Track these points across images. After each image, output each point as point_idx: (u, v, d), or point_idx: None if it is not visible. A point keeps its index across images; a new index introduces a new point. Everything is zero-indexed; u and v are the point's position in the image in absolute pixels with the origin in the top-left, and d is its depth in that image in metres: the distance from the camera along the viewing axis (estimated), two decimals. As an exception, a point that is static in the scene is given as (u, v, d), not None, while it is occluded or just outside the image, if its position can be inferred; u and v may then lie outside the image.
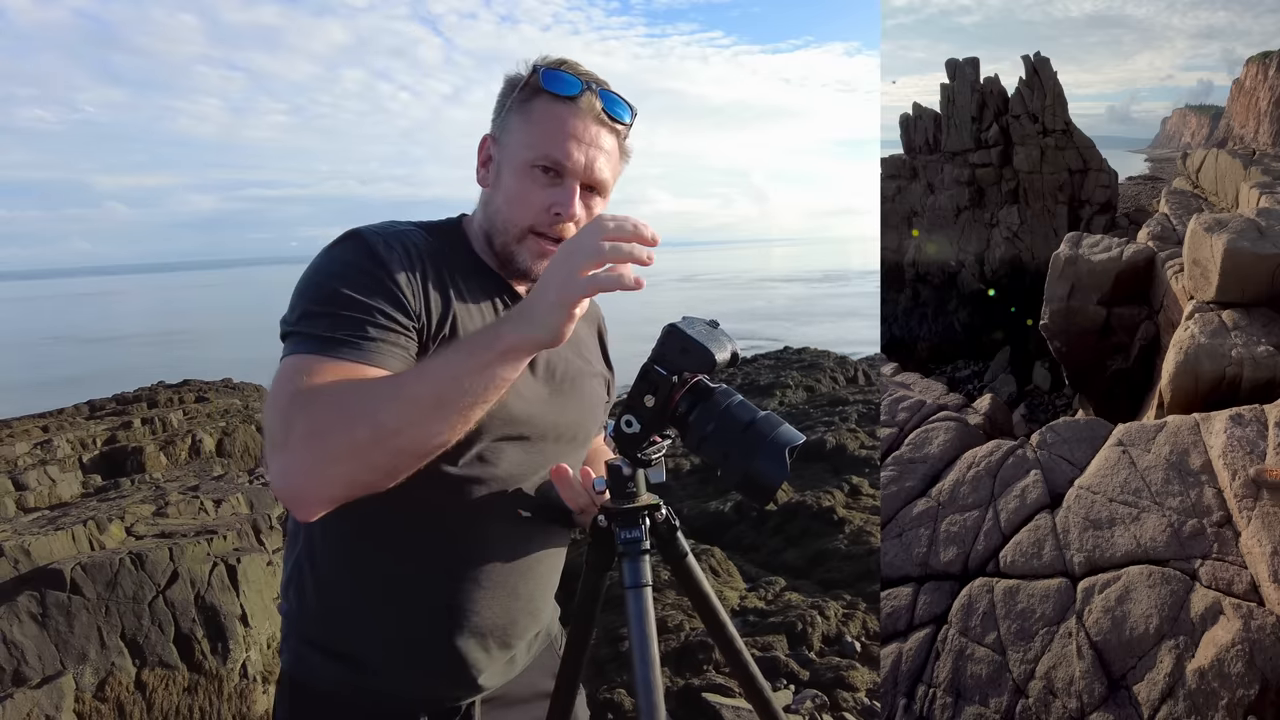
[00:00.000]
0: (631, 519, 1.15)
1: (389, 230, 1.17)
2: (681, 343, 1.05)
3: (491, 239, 1.24)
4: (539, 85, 1.19)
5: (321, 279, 1.10)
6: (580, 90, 1.19)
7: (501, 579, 1.25)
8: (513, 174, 1.20)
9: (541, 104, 1.19)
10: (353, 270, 1.09)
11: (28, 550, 5.37)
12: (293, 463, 0.96)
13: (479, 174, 1.27)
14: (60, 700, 4.73)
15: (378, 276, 1.09)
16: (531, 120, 1.19)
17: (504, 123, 1.23)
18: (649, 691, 1.07)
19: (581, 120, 1.19)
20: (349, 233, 1.15)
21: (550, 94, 1.19)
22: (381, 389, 0.99)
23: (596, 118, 1.20)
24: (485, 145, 1.26)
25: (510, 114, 1.22)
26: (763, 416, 1.02)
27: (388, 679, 1.22)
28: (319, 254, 1.14)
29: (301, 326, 1.06)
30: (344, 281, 1.08)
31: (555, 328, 0.99)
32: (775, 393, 15.83)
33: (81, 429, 12.56)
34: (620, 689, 5.00)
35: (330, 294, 1.07)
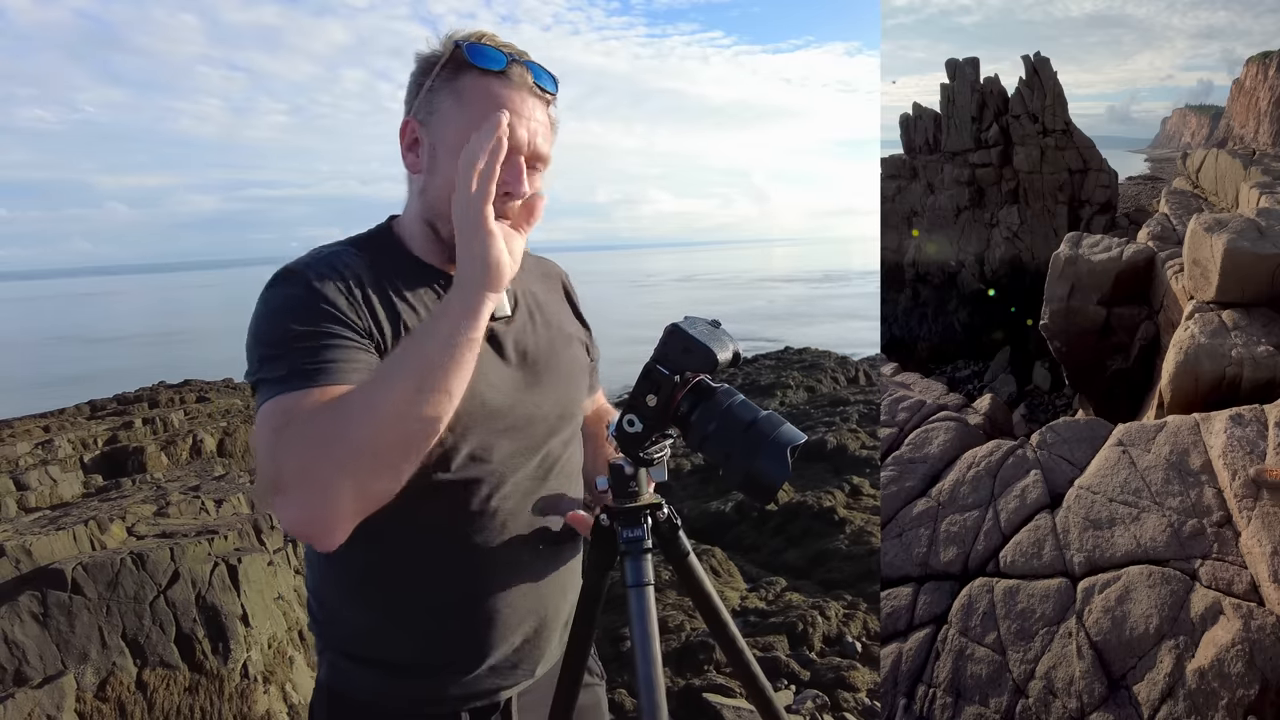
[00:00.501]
0: (634, 518, 1.15)
1: (318, 258, 1.15)
2: (684, 342, 1.05)
3: (437, 227, 1.20)
4: (464, 60, 1.15)
5: (267, 324, 1.09)
6: (507, 63, 1.16)
7: (525, 569, 1.25)
8: (452, 156, 1.14)
9: (470, 80, 1.15)
10: (294, 305, 1.09)
11: (29, 550, 5.38)
12: (295, 500, 0.95)
13: (407, 159, 1.21)
14: (61, 700, 4.74)
15: (318, 305, 1.09)
16: (464, 99, 1.15)
17: (430, 103, 1.18)
18: (651, 690, 1.07)
19: (516, 94, 1.16)
20: (280, 272, 1.14)
21: (478, 69, 1.15)
22: (356, 399, 0.98)
23: (530, 90, 1.17)
24: (409, 129, 1.20)
25: (436, 94, 1.17)
26: (764, 416, 1.02)
27: (425, 683, 1.21)
28: (258, 301, 1.13)
29: (264, 373, 1.06)
30: (289, 317, 1.08)
31: (485, 253, 1.00)
32: (776, 393, 15.84)
33: (83, 429, 12.57)
34: (621, 689, 5.01)
35: (280, 334, 1.07)
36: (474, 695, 1.24)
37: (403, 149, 1.21)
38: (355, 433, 0.95)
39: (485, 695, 1.25)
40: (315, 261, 1.15)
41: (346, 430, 0.95)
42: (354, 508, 0.97)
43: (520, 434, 1.23)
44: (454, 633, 1.21)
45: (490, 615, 1.22)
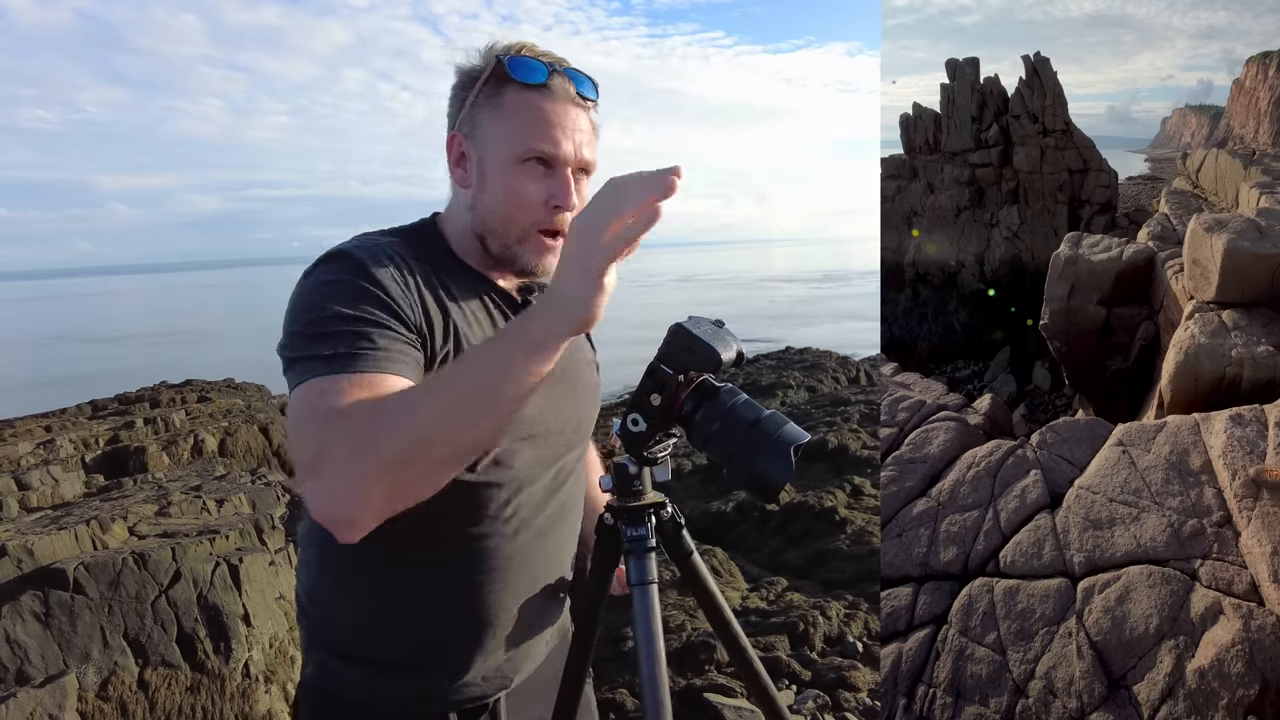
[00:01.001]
0: (637, 517, 1.16)
1: (369, 244, 1.14)
2: (687, 342, 1.06)
3: (486, 241, 1.21)
4: (505, 74, 1.16)
5: (315, 300, 1.07)
6: (548, 75, 1.16)
7: (523, 574, 1.25)
8: (500, 171, 1.17)
9: (513, 94, 1.16)
10: (345, 287, 1.07)
11: (31, 550, 5.38)
12: (332, 485, 0.93)
13: (455, 175, 1.23)
14: (63, 699, 4.75)
15: (370, 291, 1.07)
16: (507, 113, 1.16)
17: (474, 118, 1.19)
18: (655, 688, 1.08)
19: (559, 105, 1.17)
20: (331, 252, 1.12)
21: (519, 83, 1.16)
22: (413, 400, 0.95)
23: (571, 100, 1.18)
24: (456, 144, 1.21)
25: (480, 109, 1.18)
26: (768, 415, 1.03)
27: (415, 682, 1.21)
28: (303, 277, 1.11)
29: (306, 350, 1.03)
30: (338, 300, 1.05)
31: (588, 302, 0.92)
32: (777, 393, 15.85)
33: (84, 429, 12.57)
34: (622, 689, 5.02)
35: (328, 314, 1.04)
36: (464, 697, 1.24)
37: (450, 163, 1.23)
38: (397, 441, 0.92)
39: (475, 697, 1.25)
40: (368, 246, 1.13)
41: (390, 437, 0.92)
42: (384, 508, 0.95)
43: (542, 443, 1.25)
44: (449, 635, 1.21)
45: (488, 620, 1.22)
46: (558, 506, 1.29)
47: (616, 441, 1.13)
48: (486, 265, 1.24)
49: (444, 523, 1.17)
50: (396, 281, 1.10)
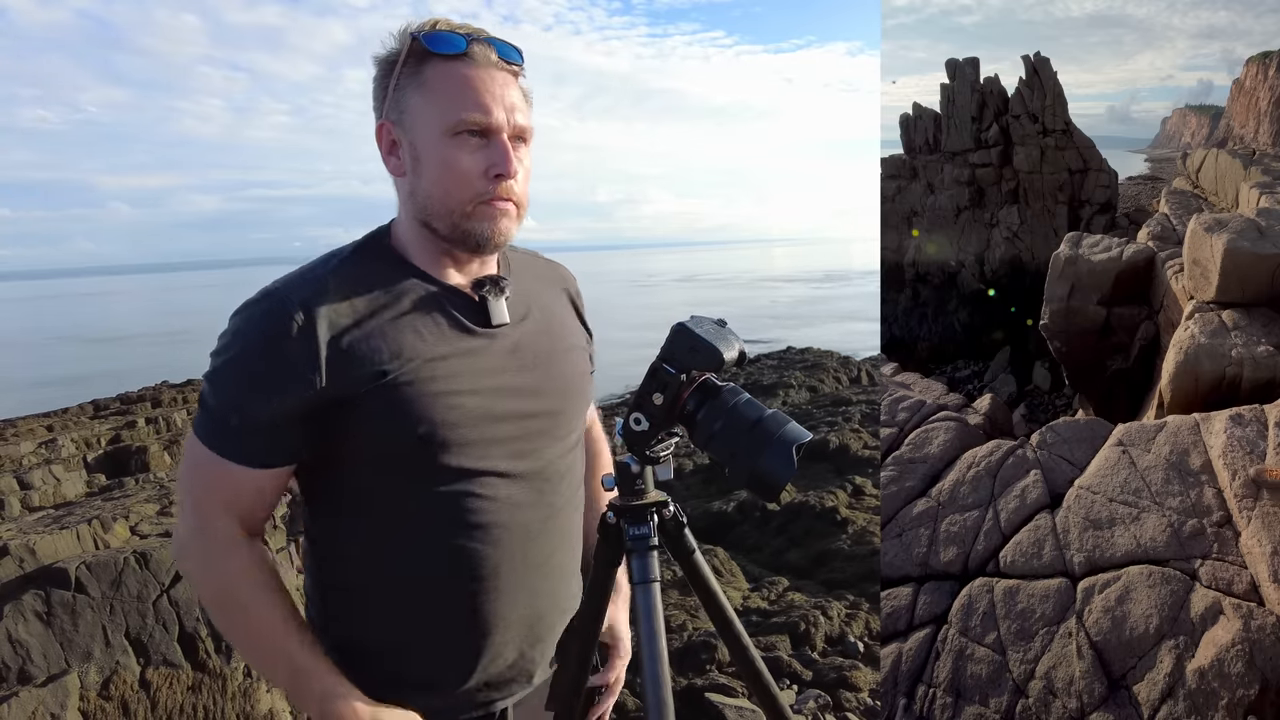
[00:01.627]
0: (640, 515, 1.16)
1: (302, 284, 1.13)
2: (690, 341, 1.07)
3: (433, 225, 1.18)
4: (424, 51, 1.13)
5: (224, 356, 1.12)
6: (468, 44, 1.13)
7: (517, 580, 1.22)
8: (433, 148, 1.14)
9: (434, 68, 1.13)
10: (249, 354, 1.11)
11: (33, 549, 5.39)
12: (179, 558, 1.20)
13: (389, 164, 1.19)
14: (65, 699, 4.75)
15: (273, 361, 1.09)
16: (430, 88, 1.13)
17: (399, 102, 1.15)
18: (657, 687, 1.08)
19: (484, 72, 1.14)
20: (259, 300, 1.13)
21: (440, 56, 1.13)
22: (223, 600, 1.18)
23: (495, 66, 1.15)
24: (385, 132, 1.18)
25: (403, 91, 1.15)
26: (770, 414, 1.04)
27: (419, 695, 1.20)
28: (234, 317, 1.13)
29: (201, 406, 1.16)
30: (238, 365, 1.12)
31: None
32: (779, 393, 15.85)
33: (86, 428, 12.58)
34: (624, 689, 5.03)
35: (225, 376, 1.13)
36: (470, 705, 1.23)
37: (383, 154, 1.19)
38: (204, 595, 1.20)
39: (481, 706, 1.24)
40: (293, 288, 1.13)
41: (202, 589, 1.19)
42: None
43: (518, 443, 1.21)
44: (449, 647, 1.20)
45: (485, 629, 1.20)
46: (546, 509, 1.25)
47: (619, 440, 1.14)
48: (439, 258, 1.21)
49: (426, 536, 1.17)
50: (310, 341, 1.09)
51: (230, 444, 1.12)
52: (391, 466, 1.15)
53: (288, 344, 1.09)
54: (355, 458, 1.16)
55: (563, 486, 1.29)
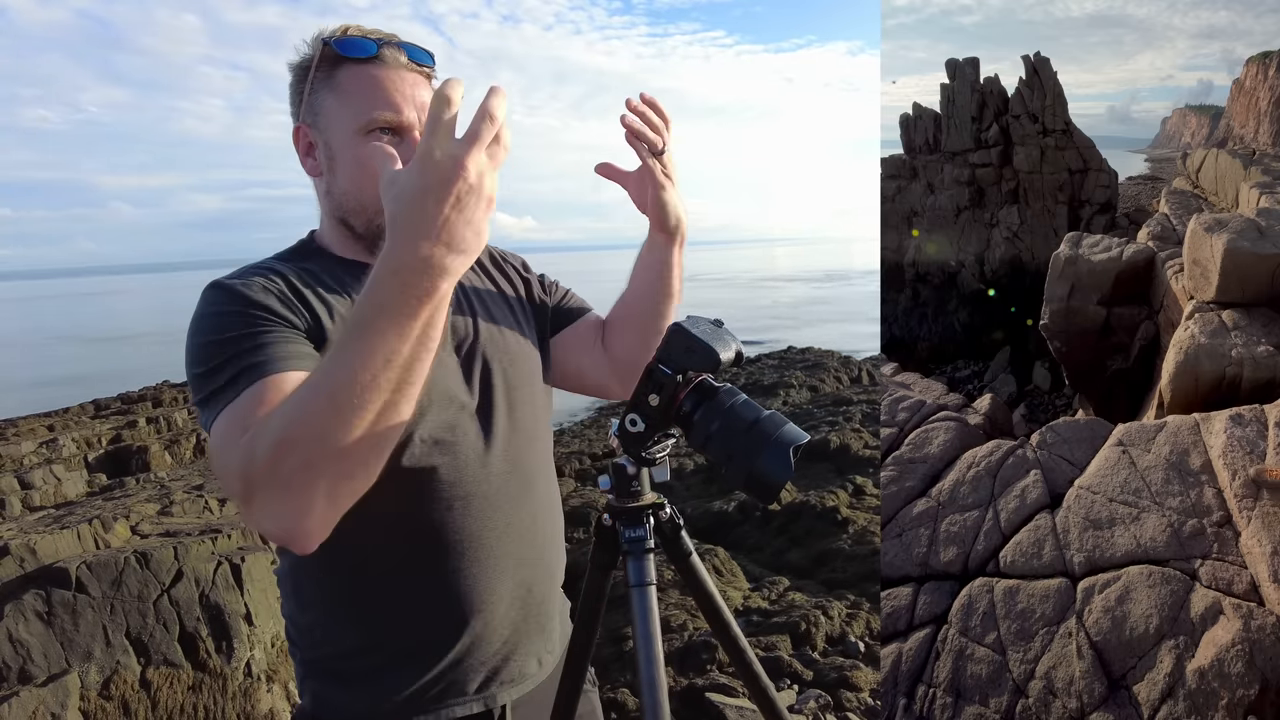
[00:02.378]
0: (636, 518, 1.15)
1: (241, 271, 1.18)
2: (686, 342, 1.06)
3: (351, 224, 1.21)
4: (336, 55, 1.16)
5: (200, 339, 1.09)
6: (378, 48, 1.16)
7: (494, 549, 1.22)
8: (346, 148, 1.16)
9: (347, 71, 1.16)
10: (223, 314, 1.09)
11: (34, 549, 5.40)
12: (267, 508, 0.89)
13: (306, 165, 1.22)
14: (66, 698, 4.76)
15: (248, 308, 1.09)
16: (343, 90, 1.16)
17: (313, 105, 1.18)
18: (653, 690, 1.08)
19: (395, 73, 1.17)
20: (208, 287, 1.14)
21: (352, 60, 1.16)
22: (310, 392, 0.87)
23: (406, 68, 1.18)
24: (301, 135, 1.21)
25: (317, 94, 1.18)
26: (767, 415, 1.03)
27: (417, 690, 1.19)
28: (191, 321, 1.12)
29: (208, 386, 1.03)
30: (220, 326, 1.08)
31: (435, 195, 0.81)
32: (779, 392, 15.85)
33: (86, 428, 12.59)
34: (624, 689, 5.02)
35: (215, 343, 1.07)
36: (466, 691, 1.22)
37: (300, 156, 1.22)
38: (313, 432, 0.85)
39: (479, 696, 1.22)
40: (240, 272, 1.17)
41: (305, 433, 0.85)
42: (328, 510, 0.90)
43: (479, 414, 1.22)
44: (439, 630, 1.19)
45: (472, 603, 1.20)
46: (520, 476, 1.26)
47: (615, 442, 1.14)
48: (364, 253, 1.23)
49: (393, 517, 1.15)
50: (272, 293, 1.12)
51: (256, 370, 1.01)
52: None
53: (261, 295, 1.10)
54: None
55: (531, 451, 1.29)
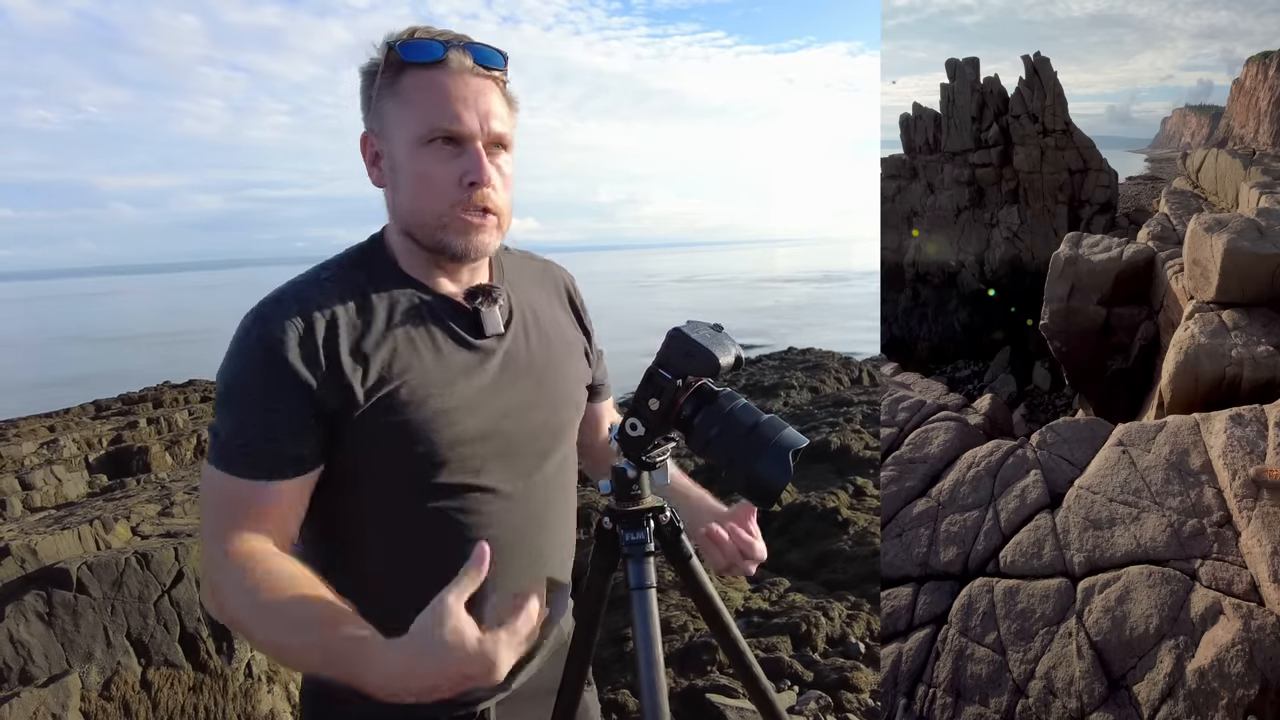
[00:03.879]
0: (636, 521, 1.16)
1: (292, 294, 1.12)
2: (686, 347, 1.07)
3: (415, 236, 1.17)
4: (400, 61, 1.11)
5: (225, 381, 1.11)
6: (444, 52, 1.11)
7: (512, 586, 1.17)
8: (407, 158, 1.13)
9: (410, 78, 1.12)
10: (248, 370, 1.09)
11: (34, 550, 5.40)
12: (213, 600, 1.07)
13: (372, 175, 1.18)
14: (66, 699, 4.76)
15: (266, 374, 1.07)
16: (406, 98, 1.12)
17: (378, 113, 1.15)
18: (653, 693, 1.08)
19: (458, 78, 1.12)
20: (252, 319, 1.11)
21: (416, 65, 1.11)
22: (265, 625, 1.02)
23: (470, 72, 1.13)
24: (367, 144, 1.18)
25: (381, 101, 1.14)
26: (766, 420, 1.04)
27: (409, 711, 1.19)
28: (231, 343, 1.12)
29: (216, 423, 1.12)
30: (240, 384, 1.09)
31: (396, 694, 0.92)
32: (780, 393, 15.84)
33: (87, 429, 12.59)
34: (624, 689, 5.02)
35: (229, 400, 1.10)
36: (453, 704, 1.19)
37: (367, 165, 1.18)
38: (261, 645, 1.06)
39: (464, 705, 1.22)
40: (286, 300, 1.11)
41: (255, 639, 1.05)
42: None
43: (512, 457, 1.20)
44: None
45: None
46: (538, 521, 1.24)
47: (614, 446, 1.14)
48: (429, 267, 1.20)
49: (420, 554, 1.15)
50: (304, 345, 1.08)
51: (249, 462, 1.08)
52: (384, 484, 1.14)
53: (286, 352, 1.07)
54: (347, 476, 1.13)
55: (557, 496, 1.28)
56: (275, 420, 1.07)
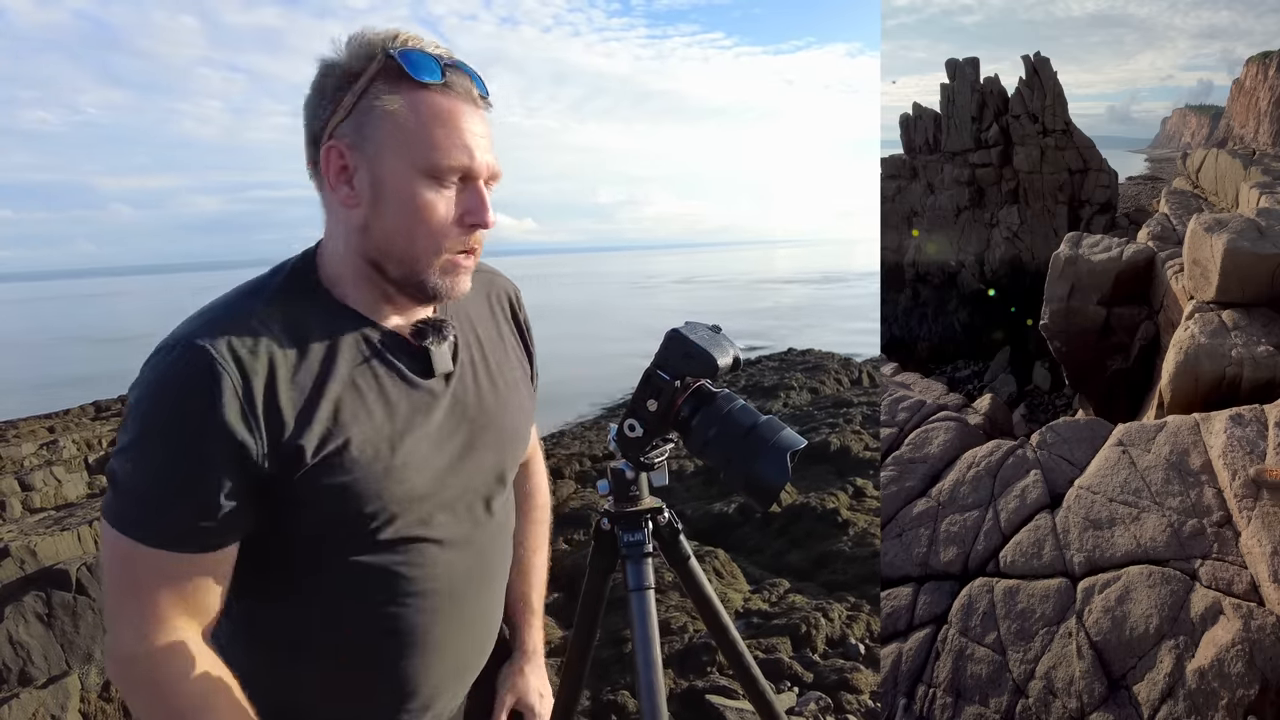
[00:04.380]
0: (634, 522, 1.16)
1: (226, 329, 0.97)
2: (684, 348, 1.07)
3: (384, 266, 1.05)
4: (399, 73, 0.99)
5: (140, 421, 0.95)
6: (443, 73, 1.01)
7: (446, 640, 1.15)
8: (404, 188, 1.01)
9: (412, 97, 0.99)
10: (173, 419, 0.94)
11: (34, 550, 5.40)
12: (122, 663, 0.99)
13: (338, 191, 1.03)
14: (66, 700, 4.76)
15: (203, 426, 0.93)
16: (407, 121, 0.99)
17: (361, 126, 1.00)
18: (652, 694, 1.09)
19: (467, 109, 1.02)
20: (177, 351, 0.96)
21: (413, 82, 0.99)
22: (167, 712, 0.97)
23: (476, 102, 1.04)
24: (334, 155, 1.02)
25: (368, 114, 1.00)
26: (764, 421, 1.04)
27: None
28: (147, 369, 0.97)
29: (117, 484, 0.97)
30: (158, 431, 0.94)
31: None
32: (779, 394, 15.83)
33: (87, 429, 12.60)
34: (624, 690, 5.02)
35: (143, 447, 0.95)
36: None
37: (329, 178, 1.03)
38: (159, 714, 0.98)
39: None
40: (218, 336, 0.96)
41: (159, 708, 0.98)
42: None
43: (459, 508, 1.12)
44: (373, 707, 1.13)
45: (410, 692, 1.13)
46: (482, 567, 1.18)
47: (613, 447, 1.14)
48: (378, 299, 1.08)
49: (359, 607, 1.07)
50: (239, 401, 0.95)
51: (164, 529, 0.95)
52: (320, 541, 1.04)
53: (223, 410, 0.94)
54: (286, 532, 1.03)
55: (498, 539, 1.22)
56: (202, 484, 0.94)
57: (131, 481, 0.96)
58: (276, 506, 1.01)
